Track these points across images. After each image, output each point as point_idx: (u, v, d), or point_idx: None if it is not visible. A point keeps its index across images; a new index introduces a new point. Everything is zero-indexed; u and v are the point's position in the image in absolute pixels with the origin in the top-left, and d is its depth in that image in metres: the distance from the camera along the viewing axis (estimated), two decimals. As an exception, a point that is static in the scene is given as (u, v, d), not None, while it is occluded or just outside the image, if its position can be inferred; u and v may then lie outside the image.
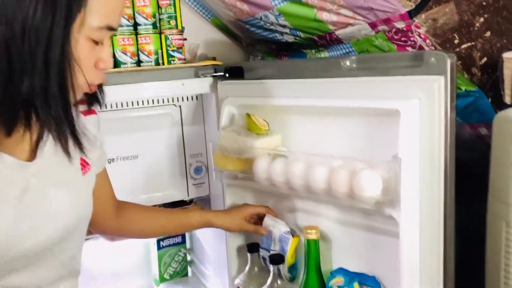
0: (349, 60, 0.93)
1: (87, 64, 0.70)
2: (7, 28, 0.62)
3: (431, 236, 0.86)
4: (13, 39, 0.62)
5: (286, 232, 1.10)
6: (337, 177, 0.89)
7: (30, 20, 0.62)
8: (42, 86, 0.64)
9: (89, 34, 0.67)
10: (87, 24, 0.67)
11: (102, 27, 0.68)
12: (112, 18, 0.70)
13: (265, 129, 1.06)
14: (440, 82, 0.80)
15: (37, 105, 0.65)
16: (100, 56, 0.72)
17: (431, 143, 0.83)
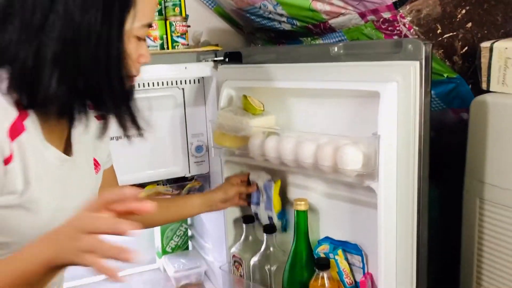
0: (337, 46, 1.02)
1: (133, 59, 0.79)
2: (74, 33, 0.70)
3: (406, 207, 0.95)
4: (80, 42, 0.71)
5: (269, 180, 1.20)
6: (323, 152, 0.98)
7: (93, 25, 0.71)
8: (106, 80, 0.74)
9: (136, 32, 0.77)
10: (135, 23, 0.76)
11: (145, 25, 0.78)
12: (152, 16, 0.80)
13: (260, 110, 1.15)
14: (416, 67, 0.88)
15: (103, 97, 0.75)
16: (141, 52, 0.80)
17: (407, 122, 0.91)
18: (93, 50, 0.71)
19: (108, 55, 0.72)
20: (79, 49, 0.71)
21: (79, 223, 0.66)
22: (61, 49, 0.70)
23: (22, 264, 0.68)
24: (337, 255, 1.08)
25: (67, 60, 0.71)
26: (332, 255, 1.08)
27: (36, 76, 0.71)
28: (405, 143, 0.93)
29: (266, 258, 1.19)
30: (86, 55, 0.71)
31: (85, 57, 0.71)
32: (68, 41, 0.70)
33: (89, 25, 0.70)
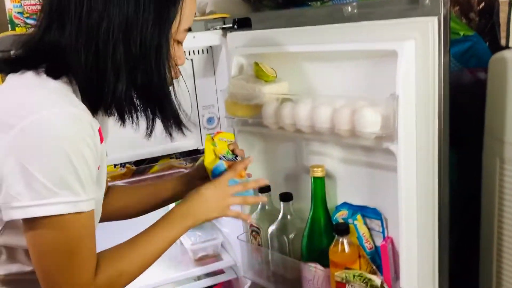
0: (351, 6, 0.98)
1: (175, 60, 0.82)
2: (128, 36, 0.73)
3: (427, 168, 0.93)
4: (133, 44, 0.73)
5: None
6: (340, 116, 0.96)
7: (145, 30, 0.73)
8: (156, 84, 0.77)
9: (179, 36, 0.80)
10: (180, 28, 0.78)
11: (186, 29, 0.81)
12: (191, 21, 0.82)
13: (272, 76, 1.13)
14: (434, 23, 0.85)
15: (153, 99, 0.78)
16: (179, 54, 0.83)
17: (426, 81, 0.89)
18: (146, 52, 0.74)
19: (158, 57, 0.75)
20: (132, 50, 0.73)
21: (225, 190, 0.94)
22: (118, 52, 0.73)
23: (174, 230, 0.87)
24: (356, 220, 1.07)
25: (125, 62, 0.74)
26: (351, 220, 1.07)
27: (100, 80, 0.74)
28: (424, 103, 0.90)
29: (283, 226, 1.18)
30: (139, 57, 0.74)
31: (138, 59, 0.74)
32: (124, 44, 0.73)
33: (141, 28, 0.73)
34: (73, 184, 0.69)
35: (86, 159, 0.70)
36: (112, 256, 0.80)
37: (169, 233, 0.87)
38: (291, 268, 1.17)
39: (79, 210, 0.70)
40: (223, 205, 0.94)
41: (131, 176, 1.46)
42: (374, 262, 1.06)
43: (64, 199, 0.68)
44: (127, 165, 1.44)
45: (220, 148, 1.02)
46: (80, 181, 0.69)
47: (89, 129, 0.71)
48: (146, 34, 0.74)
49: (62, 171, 0.67)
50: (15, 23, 1.20)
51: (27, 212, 0.67)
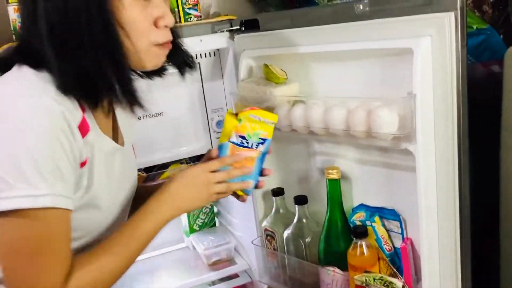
0: (362, 3, 0.96)
1: (144, 25, 0.72)
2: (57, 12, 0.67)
3: (446, 168, 0.91)
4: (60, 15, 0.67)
5: None
6: (355, 117, 0.94)
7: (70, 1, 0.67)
8: (94, 57, 0.69)
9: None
10: None
11: None
12: None
13: (283, 78, 1.11)
14: (450, 18, 0.83)
15: (94, 76, 0.70)
16: (156, 15, 0.74)
17: (444, 79, 0.86)
18: (78, 25, 0.68)
19: (91, 28, 0.68)
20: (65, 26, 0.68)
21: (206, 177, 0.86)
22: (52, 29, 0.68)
23: (153, 224, 0.80)
24: (374, 222, 1.04)
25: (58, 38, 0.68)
26: (369, 222, 1.05)
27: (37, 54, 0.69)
28: (442, 100, 0.88)
29: (299, 230, 1.16)
30: (72, 32, 0.68)
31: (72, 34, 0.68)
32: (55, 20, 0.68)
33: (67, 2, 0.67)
34: (32, 178, 0.64)
35: (52, 152, 0.66)
36: (87, 262, 0.73)
37: (146, 229, 0.79)
38: (308, 272, 1.15)
39: (40, 205, 0.65)
40: (207, 193, 0.86)
41: (142, 183, 1.44)
42: (394, 264, 1.04)
43: (21, 193, 0.64)
44: (138, 172, 1.42)
45: (245, 127, 0.91)
46: (41, 174, 0.65)
47: (59, 121, 0.67)
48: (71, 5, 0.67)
49: (22, 165, 0.64)
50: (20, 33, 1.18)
51: None
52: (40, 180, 0.65)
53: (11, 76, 0.71)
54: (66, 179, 0.69)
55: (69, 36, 0.68)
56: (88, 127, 0.74)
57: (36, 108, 0.66)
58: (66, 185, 0.69)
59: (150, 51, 0.75)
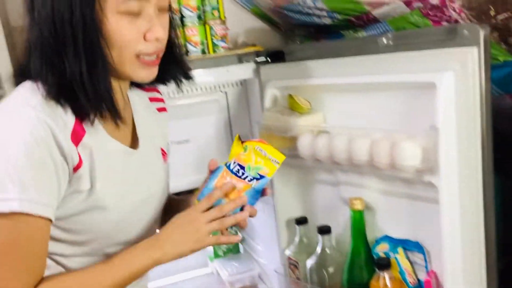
0: (386, 37, 0.98)
1: (129, 37, 0.73)
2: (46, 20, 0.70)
3: (470, 201, 0.90)
4: (48, 25, 0.70)
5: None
6: (378, 149, 0.95)
7: (55, 6, 0.70)
8: (75, 65, 0.71)
9: (117, 8, 0.71)
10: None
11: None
12: None
13: (307, 108, 1.13)
14: (473, 53, 0.84)
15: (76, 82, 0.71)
16: (145, 28, 0.74)
17: (467, 113, 0.87)
18: (60, 32, 0.70)
19: (74, 37, 0.70)
20: (51, 34, 0.70)
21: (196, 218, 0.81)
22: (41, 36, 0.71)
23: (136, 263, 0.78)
24: (397, 253, 1.04)
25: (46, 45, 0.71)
26: (392, 254, 1.04)
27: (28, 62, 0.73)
28: (466, 134, 0.88)
29: (322, 259, 1.16)
30: (55, 38, 0.70)
31: (53, 41, 0.70)
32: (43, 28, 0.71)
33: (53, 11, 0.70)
34: (2, 182, 0.66)
35: (28, 158, 0.67)
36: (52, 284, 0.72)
37: (129, 266, 0.77)
38: (331, 303, 1.15)
39: (7, 209, 0.66)
40: (198, 235, 0.80)
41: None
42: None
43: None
44: (164, 197, 1.45)
45: (248, 158, 0.87)
46: (11, 179, 0.66)
47: (39, 129, 0.69)
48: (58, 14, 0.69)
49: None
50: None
51: None
52: (11, 185, 0.66)
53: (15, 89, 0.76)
54: (45, 186, 0.69)
55: (55, 45, 0.71)
56: (82, 131, 0.75)
57: (16, 118, 0.69)
58: (44, 192, 0.69)
59: (136, 62, 0.76)
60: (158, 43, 0.76)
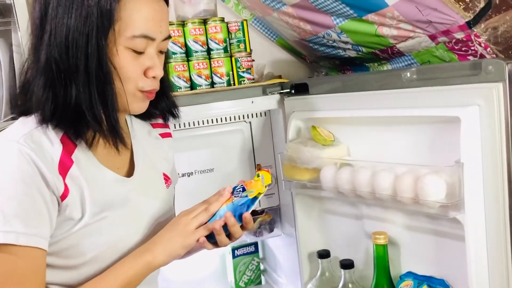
0: (410, 71, 0.98)
1: (133, 72, 0.78)
2: (58, 47, 0.74)
3: (497, 238, 0.88)
4: (60, 50, 0.74)
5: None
6: (402, 183, 0.94)
7: (71, 33, 0.73)
8: (86, 91, 0.75)
9: (126, 44, 0.76)
10: (122, 34, 0.76)
11: (136, 36, 0.77)
12: (147, 28, 0.77)
13: (330, 140, 1.13)
14: (499, 89, 0.83)
15: (83, 108, 0.75)
16: (147, 65, 0.80)
17: (493, 148, 0.85)
18: (73, 59, 0.73)
19: (87, 65, 0.74)
20: (63, 61, 0.74)
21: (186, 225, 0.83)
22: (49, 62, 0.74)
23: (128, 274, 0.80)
24: (422, 291, 1.01)
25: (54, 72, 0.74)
26: (417, 291, 1.01)
27: (28, 86, 0.77)
28: (492, 169, 0.86)
29: (345, 294, 1.14)
30: (69, 67, 0.74)
31: (68, 69, 0.74)
32: (54, 55, 0.74)
33: (69, 39, 0.73)
34: None
35: (13, 192, 0.71)
36: None
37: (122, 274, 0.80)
38: None
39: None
40: (185, 231, 0.83)
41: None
42: (444, 338, 0.99)
43: None
44: (187, 226, 1.46)
45: (253, 185, 0.93)
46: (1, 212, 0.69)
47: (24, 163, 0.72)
48: (73, 42, 0.73)
49: None
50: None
51: None
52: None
53: None
54: (33, 218, 0.72)
55: (64, 71, 0.74)
56: (70, 162, 0.77)
57: (2, 153, 0.72)
58: (32, 224, 0.72)
59: (136, 95, 0.81)
60: (155, 80, 0.82)
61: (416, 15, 1.10)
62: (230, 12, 1.66)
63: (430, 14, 1.08)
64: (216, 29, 1.33)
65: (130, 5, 0.75)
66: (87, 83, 0.74)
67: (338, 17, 1.27)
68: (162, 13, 0.80)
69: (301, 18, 1.39)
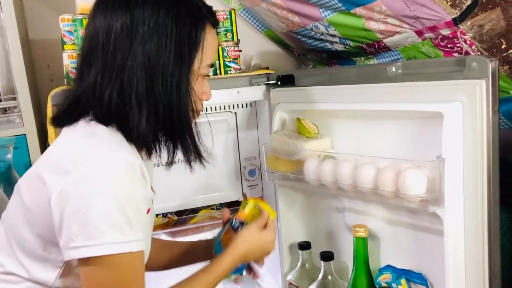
0: (395, 66, 0.98)
1: (198, 96, 0.84)
2: (151, 73, 0.77)
3: (475, 234, 0.89)
4: (155, 80, 0.77)
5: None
6: (383, 177, 0.94)
7: (166, 66, 0.77)
8: (177, 117, 0.79)
9: (202, 71, 0.83)
10: (202, 63, 0.82)
11: (209, 65, 0.84)
12: (214, 56, 0.87)
13: (314, 132, 1.13)
14: (482, 86, 0.83)
15: (175, 131, 0.81)
16: (204, 89, 0.86)
17: (474, 144, 0.86)
18: (167, 88, 0.77)
19: (179, 93, 0.79)
20: (154, 87, 0.77)
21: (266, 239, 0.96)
22: (141, 88, 0.76)
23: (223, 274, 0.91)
24: (400, 284, 1.02)
25: (148, 98, 0.77)
26: (395, 284, 1.02)
27: (125, 115, 0.77)
28: (472, 166, 0.87)
29: (324, 286, 1.14)
30: (161, 93, 0.77)
31: (160, 94, 0.77)
32: (146, 81, 0.76)
33: (163, 66, 0.77)
34: (123, 226, 0.71)
35: (136, 202, 0.73)
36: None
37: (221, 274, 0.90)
38: (331, 331, 1.13)
39: (128, 250, 0.71)
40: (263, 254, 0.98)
41: (172, 226, 1.47)
42: (420, 331, 1.00)
43: (114, 240, 0.70)
44: (169, 215, 1.46)
45: (247, 216, 0.99)
46: (129, 222, 0.71)
47: (139, 173, 0.74)
48: (167, 72, 0.77)
49: (113, 213, 0.70)
50: (71, 78, 1.26)
51: (80, 252, 0.70)
52: (128, 228, 0.71)
53: (87, 131, 0.78)
54: (144, 224, 0.76)
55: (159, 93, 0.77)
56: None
57: (119, 162, 0.73)
58: (143, 230, 0.75)
59: (193, 116, 0.85)
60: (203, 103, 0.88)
61: (404, 10, 1.11)
62: (219, 1, 1.66)
63: (417, 9, 1.08)
64: (203, 17, 1.32)
65: (208, 37, 0.82)
66: (178, 107, 0.79)
67: (326, 9, 1.27)
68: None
69: (290, 10, 1.38)
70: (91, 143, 0.76)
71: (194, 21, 0.79)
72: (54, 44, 1.43)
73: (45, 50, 1.59)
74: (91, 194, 0.70)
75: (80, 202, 0.70)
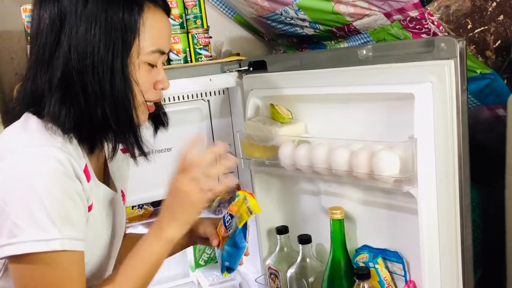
0: (365, 49, 0.99)
1: (146, 85, 0.80)
2: (80, 62, 0.73)
3: (448, 210, 0.91)
4: (86, 71, 0.73)
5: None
6: (357, 159, 0.95)
7: (96, 54, 0.73)
8: (112, 109, 0.75)
9: (144, 58, 0.78)
10: (142, 50, 0.77)
11: (154, 51, 0.79)
12: (161, 43, 0.81)
13: (288, 118, 1.13)
14: (450, 66, 0.85)
15: (110, 124, 0.75)
16: (157, 78, 0.82)
17: (445, 123, 0.88)
18: (99, 79, 0.73)
19: (112, 83, 0.74)
20: (84, 77, 0.73)
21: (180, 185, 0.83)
22: (67, 77, 0.73)
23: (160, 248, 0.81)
24: (377, 263, 1.04)
25: (74, 87, 0.73)
26: (372, 263, 1.04)
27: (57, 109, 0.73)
28: (443, 144, 0.89)
29: (303, 269, 1.16)
30: (92, 83, 0.73)
31: (91, 85, 0.73)
32: (74, 70, 0.73)
33: (92, 55, 0.73)
34: (44, 223, 0.68)
35: (62, 199, 0.70)
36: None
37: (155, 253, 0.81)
38: (311, 313, 1.14)
39: (51, 249, 0.68)
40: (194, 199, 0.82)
41: (149, 217, 1.46)
42: (397, 307, 1.03)
43: (33, 237, 0.67)
44: (145, 206, 1.44)
45: (236, 209, 0.97)
46: (52, 220, 0.68)
47: (68, 169, 0.71)
48: (97, 61, 0.73)
49: (33, 210, 0.67)
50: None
51: (4, 250, 0.68)
52: (51, 225, 0.68)
53: (19, 126, 0.76)
54: (75, 222, 0.72)
55: (88, 84, 0.73)
56: (90, 174, 0.78)
57: (44, 157, 0.70)
58: (75, 228, 0.72)
59: (142, 107, 0.81)
60: (160, 92, 0.84)
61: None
62: (187, -12, 1.63)
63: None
64: (172, 4, 1.30)
65: (148, 21, 0.77)
66: (112, 98, 0.75)
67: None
68: (169, 28, 0.85)
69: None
70: (18, 137, 0.74)
71: (127, 4, 0.74)
72: (17, 37, 1.39)
73: (9, 42, 1.54)
74: (10, 189, 0.68)
75: (2, 198, 0.68)
